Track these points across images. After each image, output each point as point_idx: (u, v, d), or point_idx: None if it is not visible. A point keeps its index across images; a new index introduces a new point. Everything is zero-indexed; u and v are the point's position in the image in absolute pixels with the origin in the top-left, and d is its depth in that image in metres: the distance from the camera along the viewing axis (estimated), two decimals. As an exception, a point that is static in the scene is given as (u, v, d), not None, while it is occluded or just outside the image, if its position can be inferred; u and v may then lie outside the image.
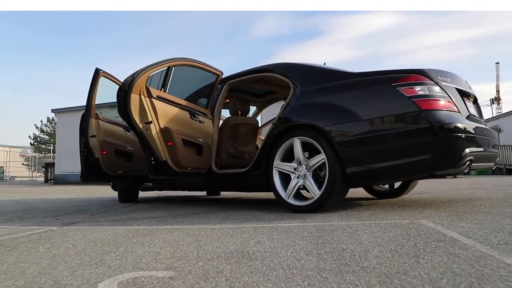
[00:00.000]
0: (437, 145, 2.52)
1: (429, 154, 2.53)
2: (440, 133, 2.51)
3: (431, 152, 2.53)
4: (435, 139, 2.52)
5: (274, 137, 3.23)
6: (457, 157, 2.53)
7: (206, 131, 3.81)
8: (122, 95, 3.02)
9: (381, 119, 2.68)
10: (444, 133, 2.51)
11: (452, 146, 2.53)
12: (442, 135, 2.51)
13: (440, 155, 2.52)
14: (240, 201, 4.80)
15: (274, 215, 2.90)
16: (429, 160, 2.53)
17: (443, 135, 2.51)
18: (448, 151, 2.53)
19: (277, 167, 3.17)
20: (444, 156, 2.53)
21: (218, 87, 4.22)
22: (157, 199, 5.53)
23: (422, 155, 2.55)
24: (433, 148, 2.53)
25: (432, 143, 2.53)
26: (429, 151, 2.53)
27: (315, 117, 2.99)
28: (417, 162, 2.57)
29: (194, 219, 2.88)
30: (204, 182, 4.05)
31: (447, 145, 2.52)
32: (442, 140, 2.52)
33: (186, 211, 3.58)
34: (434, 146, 2.53)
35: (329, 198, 2.82)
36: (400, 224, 2.15)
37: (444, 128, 2.52)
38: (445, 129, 2.52)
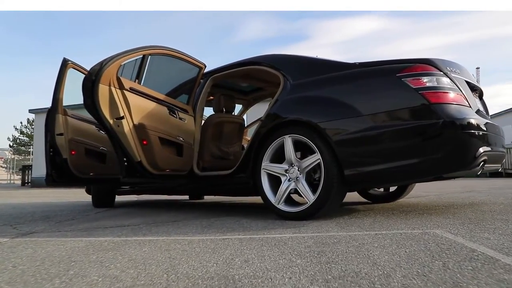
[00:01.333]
0: (449, 143, 2.22)
1: (439, 154, 2.22)
2: (452, 130, 2.21)
3: (442, 152, 2.22)
4: (447, 137, 2.22)
5: (262, 135, 2.89)
6: (470, 157, 2.24)
7: (187, 129, 3.44)
8: (88, 85, 2.63)
9: (384, 114, 2.37)
10: (457, 130, 2.21)
11: (466, 145, 2.23)
12: (454, 132, 2.21)
13: (452, 155, 2.22)
14: (225, 206, 4.43)
15: (263, 223, 2.55)
16: (440, 160, 2.22)
17: (455, 132, 2.21)
18: (461, 150, 2.23)
19: (265, 168, 2.83)
20: (456, 156, 2.23)
21: (200, 81, 3.87)
22: (136, 204, 5.11)
23: (431, 154, 2.24)
24: (444, 146, 2.22)
25: (443, 141, 2.23)
26: (440, 150, 2.22)
27: (309, 113, 2.66)
28: (425, 163, 2.26)
29: (172, 228, 2.51)
30: (185, 185, 3.68)
31: (460, 143, 2.22)
32: (454, 138, 2.22)
33: (164, 217, 3.20)
34: (445, 145, 2.22)
35: (324, 203, 2.49)
36: (412, 235, 1.83)
37: (457, 125, 2.22)
38: (457, 125, 2.22)
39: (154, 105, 3.02)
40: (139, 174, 3.04)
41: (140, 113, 2.87)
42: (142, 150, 2.92)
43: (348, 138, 2.45)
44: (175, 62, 3.28)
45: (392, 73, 2.42)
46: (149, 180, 3.19)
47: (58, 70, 3.42)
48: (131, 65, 2.94)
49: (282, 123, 2.78)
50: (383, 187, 3.56)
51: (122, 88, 2.75)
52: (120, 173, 2.94)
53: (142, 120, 2.88)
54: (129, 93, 2.78)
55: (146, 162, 2.97)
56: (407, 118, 2.32)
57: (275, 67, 3.13)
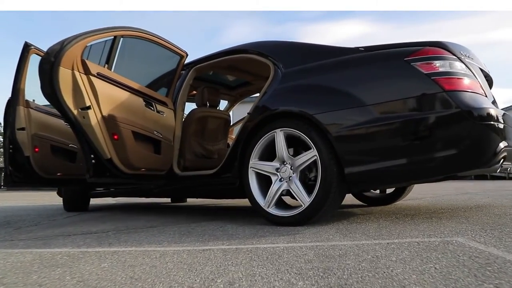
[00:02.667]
0: (467, 137, 1.92)
1: (455, 149, 1.92)
2: (470, 122, 1.91)
3: (459, 146, 1.92)
4: (465, 130, 1.92)
5: (250, 130, 2.55)
6: (490, 153, 1.94)
7: (166, 124, 3.07)
8: (46, 68, 2.23)
9: (391, 103, 2.06)
10: (476, 122, 1.92)
11: (486, 139, 1.93)
12: (473, 124, 1.91)
13: (470, 151, 1.92)
14: (209, 209, 4.07)
15: (250, 229, 2.21)
16: (456, 157, 1.92)
17: (474, 124, 1.91)
18: (480, 145, 1.93)
19: (254, 167, 2.49)
20: (475, 151, 1.93)
21: (182, 73, 3.51)
22: (114, 207, 4.70)
23: (446, 150, 1.94)
24: (461, 141, 1.93)
25: (460, 135, 1.93)
26: (456, 145, 1.92)
27: (304, 103, 2.33)
28: (438, 160, 1.95)
29: (145, 236, 2.15)
30: (164, 186, 3.31)
31: (480, 137, 1.92)
32: (473, 131, 1.92)
33: (140, 223, 2.83)
34: (462, 139, 1.93)
35: (321, 206, 2.17)
36: (432, 244, 1.51)
37: (475, 115, 1.92)
38: (476, 116, 1.92)
39: (126, 95, 2.64)
40: (110, 174, 2.66)
41: (110, 103, 2.50)
42: (112, 145, 2.55)
43: (349, 132, 2.13)
44: (153, 48, 2.92)
45: (399, 57, 2.11)
46: (122, 180, 2.82)
47: (19, 57, 3.02)
48: (99, 47, 2.56)
49: (273, 116, 2.45)
50: (388, 187, 3.25)
51: (88, 73, 2.37)
52: (87, 173, 2.56)
53: (113, 112, 2.51)
54: (96, 79, 2.41)
55: (117, 159, 2.59)
56: (418, 108, 2.01)
57: (263, 54, 2.80)
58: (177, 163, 3.30)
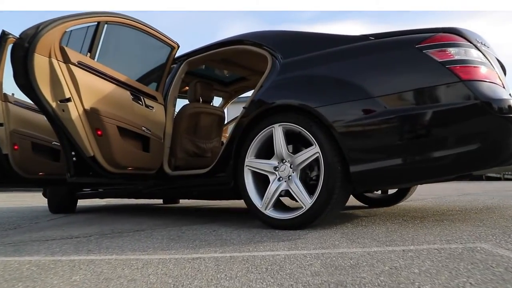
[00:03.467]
0: (487, 131, 1.73)
1: (473, 145, 1.74)
2: (491, 115, 1.72)
3: (477, 142, 1.73)
4: (484, 123, 1.73)
5: (245, 125, 2.35)
6: (511, 149, 1.76)
7: (156, 119, 2.86)
8: (19, 55, 2.00)
9: (401, 95, 1.87)
10: (496, 115, 1.73)
11: (506, 133, 1.75)
12: (493, 117, 1.73)
13: (490, 146, 1.74)
14: (202, 211, 3.86)
15: (246, 233, 2.01)
16: (474, 153, 1.73)
17: (494, 117, 1.73)
18: (500, 140, 1.74)
19: (250, 165, 2.29)
20: (495, 147, 1.75)
21: (174, 66, 3.31)
22: (104, 209, 4.47)
23: (463, 145, 1.75)
24: (480, 136, 1.74)
25: (479, 129, 1.74)
26: (475, 140, 1.73)
27: (305, 95, 2.14)
28: (454, 157, 1.77)
29: (130, 241, 1.94)
30: (153, 187, 3.09)
31: (500, 131, 1.74)
32: (493, 125, 1.73)
33: (127, 225, 2.62)
34: (482, 133, 1.74)
35: (324, 208, 1.97)
36: (454, 252, 1.32)
37: (496, 108, 1.73)
38: (495, 108, 1.73)
39: (111, 87, 2.43)
40: (93, 173, 2.44)
41: (93, 95, 2.28)
42: (95, 142, 2.33)
43: (354, 126, 1.94)
44: (141, 37, 2.70)
45: (410, 44, 1.92)
46: (106, 180, 2.60)
47: (-4, 46, 2.79)
48: (81, 34, 2.34)
49: (271, 110, 2.25)
50: (396, 187, 3.06)
51: (68, 62, 2.15)
52: (67, 172, 2.34)
53: (96, 105, 2.29)
54: (77, 68, 2.19)
55: (101, 157, 2.38)
56: (432, 99, 1.82)
57: (260, 44, 2.60)
58: (167, 162, 3.09)
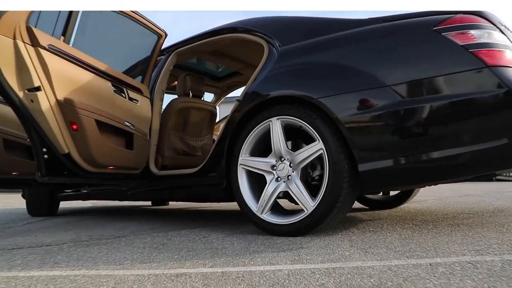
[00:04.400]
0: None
1: (501, 140, 1.51)
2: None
3: (505, 136, 1.51)
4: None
5: (239, 120, 2.11)
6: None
7: (141, 114, 2.60)
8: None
9: (418, 83, 1.64)
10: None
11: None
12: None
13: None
14: (192, 214, 3.60)
15: (241, 241, 1.76)
16: (504, 148, 1.51)
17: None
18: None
19: (244, 164, 2.05)
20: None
21: (162, 58, 3.06)
22: (88, 211, 4.18)
23: (490, 140, 1.53)
24: (508, 129, 1.52)
25: (507, 121, 1.52)
26: (504, 133, 1.51)
27: (306, 84, 1.90)
28: (479, 154, 1.54)
29: (107, 250, 1.68)
30: (138, 188, 2.84)
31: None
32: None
33: (108, 230, 2.36)
34: (510, 127, 1.52)
35: (329, 212, 1.74)
36: (494, 266, 1.09)
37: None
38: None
39: (89, 76, 2.17)
40: (68, 172, 2.18)
41: (67, 84, 2.02)
42: (70, 137, 2.07)
43: (364, 119, 1.70)
44: (125, 23, 2.44)
45: (427, 26, 1.70)
46: (84, 181, 2.34)
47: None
48: (53, 14, 2.07)
49: (267, 102, 2.01)
50: (408, 188, 2.82)
51: (36, 45, 1.88)
52: (37, 170, 2.08)
53: (71, 95, 2.03)
54: (47, 53, 1.93)
55: (77, 155, 2.11)
56: (454, 87, 1.59)
57: (255, 31, 2.36)
58: (154, 160, 2.84)
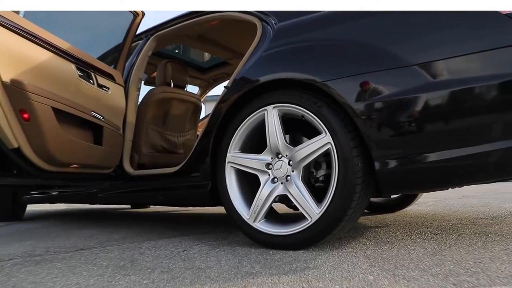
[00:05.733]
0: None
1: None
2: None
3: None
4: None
5: (227, 110, 1.78)
6: None
7: (112, 104, 2.24)
8: None
9: (451, 61, 1.33)
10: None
11: None
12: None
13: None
14: (174, 218, 3.23)
15: (230, 256, 1.42)
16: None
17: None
18: None
19: (233, 162, 1.72)
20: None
21: (139, 43, 2.70)
22: (62, 215, 3.77)
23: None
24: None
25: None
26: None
27: (311, 65, 1.57)
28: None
29: (57, 271, 1.32)
30: (110, 190, 2.47)
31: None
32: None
33: (72, 240, 1.98)
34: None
35: (338, 221, 1.41)
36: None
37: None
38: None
39: (46, 55, 1.80)
40: (18, 172, 1.80)
41: (16, 62, 1.64)
42: (21, 129, 1.69)
43: (383, 106, 1.38)
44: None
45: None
46: (40, 181, 1.96)
47: None
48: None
49: (262, 87, 1.68)
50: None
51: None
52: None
53: (20, 77, 1.65)
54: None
55: (30, 150, 1.74)
56: (496, 67, 1.29)
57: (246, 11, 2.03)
58: (129, 158, 2.48)
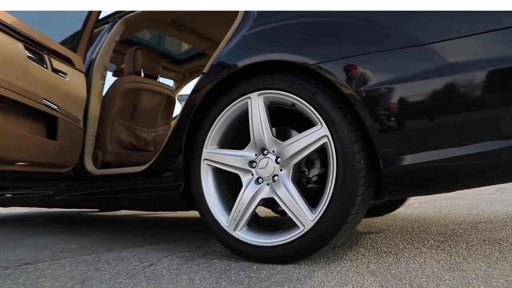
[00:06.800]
0: None
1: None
2: None
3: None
4: None
5: (203, 99, 1.52)
6: None
7: (70, 93, 1.94)
8: None
9: (471, 39, 1.12)
10: None
11: None
12: None
13: None
14: (145, 222, 2.93)
15: (205, 274, 1.16)
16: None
17: None
18: None
19: (210, 160, 1.46)
20: None
21: (105, 26, 2.40)
22: (21, 219, 3.40)
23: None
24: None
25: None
26: None
27: (303, 44, 1.33)
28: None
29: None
30: (68, 192, 2.16)
31: None
32: None
33: (17, 251, 1.67)
34: None
35: (337, 229, 1.18)
36: None
37: None
38: None
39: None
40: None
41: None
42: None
43: (391, 93, 1.16)
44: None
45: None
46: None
47: None
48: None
49: (245, 71, 1.43)
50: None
51: None
52: None
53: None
54: None
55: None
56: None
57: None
58: (91, 156, 2.18)
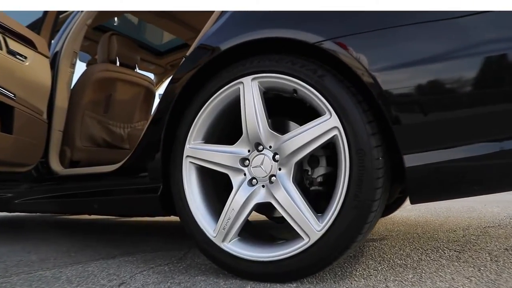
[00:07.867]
0: None
1: None
2: None
3: None
4: None
5: (185, 86, 1.29)
6: None
7: (31, 79, 1.68)
8: None
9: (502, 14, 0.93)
10: None
11: None
12: None
13: None
14: (121, 228, 2.67)
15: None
16: None
17: None
18: None
19: (194, 157, 1.23)
20: None
21: (74, 11, 2.15)
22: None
23: None
24: None
25: None
26: None
27: (307, 19, 1.12)
28: None
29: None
30: (29, 195, 1.88)
31: None
32: None
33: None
34: None
35: (351, 241, 0.97)
36: None
37: None
38: None
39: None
40: None
41: None
42: None
43: (419, 76, 0.95)
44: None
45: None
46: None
47: None
48: None
49: (235, 52, 1.20)
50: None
51: None
52: None
53: None
54: None
55: None
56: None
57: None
58: (57, 154, 1.92)
